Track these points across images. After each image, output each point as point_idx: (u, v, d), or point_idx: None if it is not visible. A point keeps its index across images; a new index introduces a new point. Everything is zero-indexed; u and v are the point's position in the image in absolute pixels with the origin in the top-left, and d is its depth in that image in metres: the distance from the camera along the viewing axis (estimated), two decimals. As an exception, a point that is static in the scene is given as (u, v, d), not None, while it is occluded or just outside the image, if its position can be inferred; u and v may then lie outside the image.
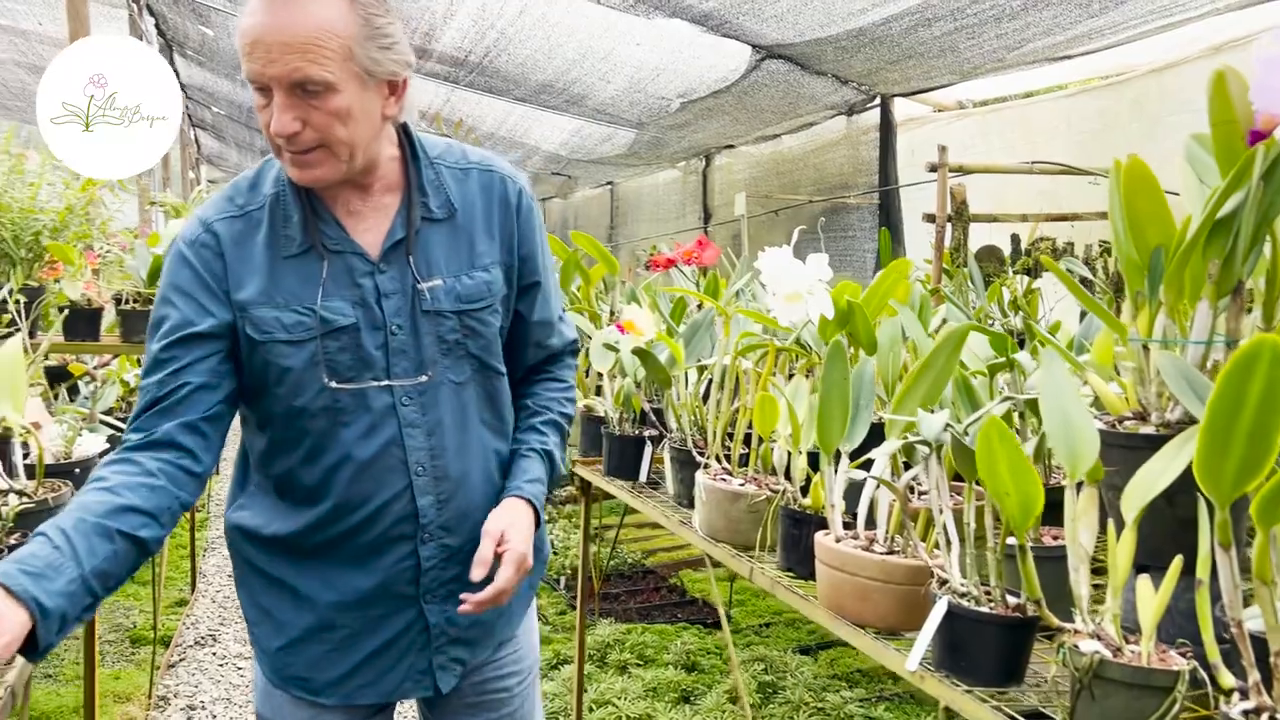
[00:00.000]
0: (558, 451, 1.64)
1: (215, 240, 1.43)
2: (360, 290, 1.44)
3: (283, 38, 1.29)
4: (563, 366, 1.72)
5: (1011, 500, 1.14)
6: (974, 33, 4.36)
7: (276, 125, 1.32)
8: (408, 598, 1.52)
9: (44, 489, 1.85)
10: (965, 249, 4.21)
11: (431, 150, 1.54)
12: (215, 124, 12.20)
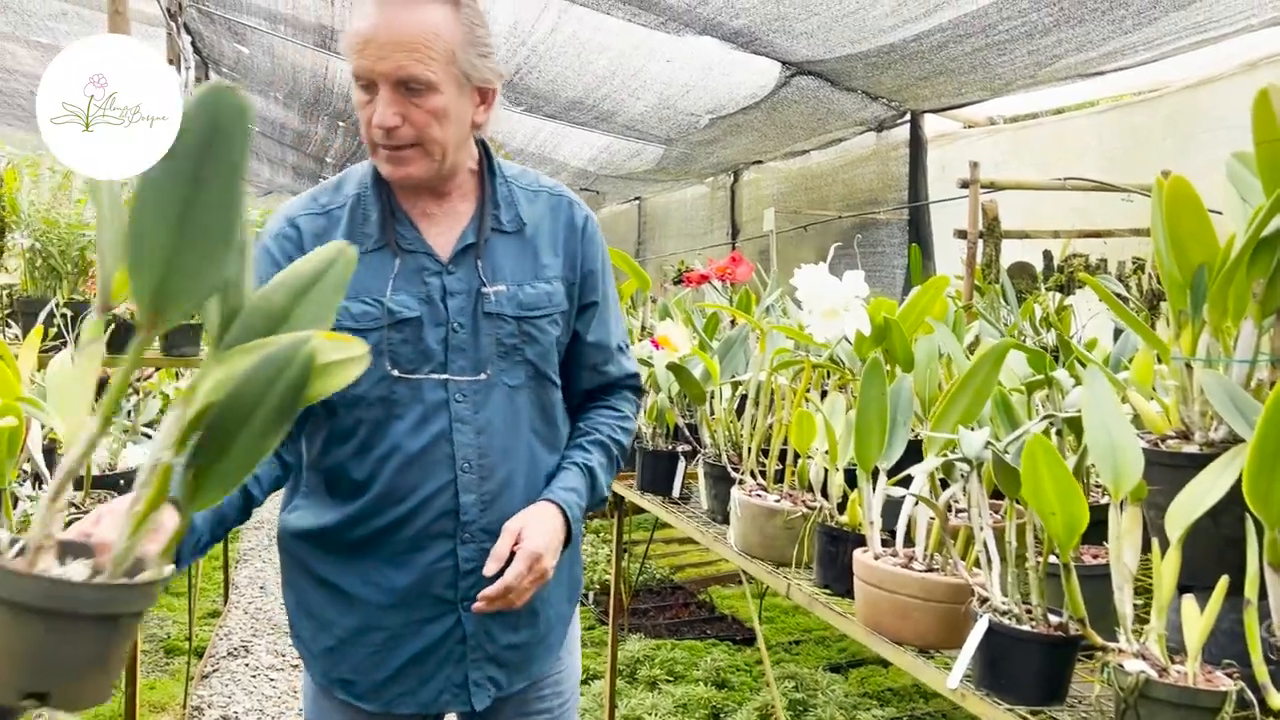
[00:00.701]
0: (602, 472, 1.64)
1: (297, 234, 1.54)
2: (427, 288, 1.52)
3: (393, 36, 1.39)
4: (621, 398, 1.74)
5: (1057, 519, 1.14)
6: (1005, 49, 4.35)
7: (379, 118, 1.42)
8: (447, 602, 1.54)
9: (91, 499, 1.88)
10: (997, 265, 4.20)
11: (507, 170, 1.64)
12: (248, 140, 12.33)
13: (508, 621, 1.58)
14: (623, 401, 1.74)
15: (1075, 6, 3.78)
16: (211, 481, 0.83)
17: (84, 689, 0.81)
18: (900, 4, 4.14)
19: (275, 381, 0.78)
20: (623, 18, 5.03)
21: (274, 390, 0.78)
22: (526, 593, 1.46)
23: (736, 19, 4.69)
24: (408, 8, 1.42)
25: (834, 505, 1.81)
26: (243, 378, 0.78)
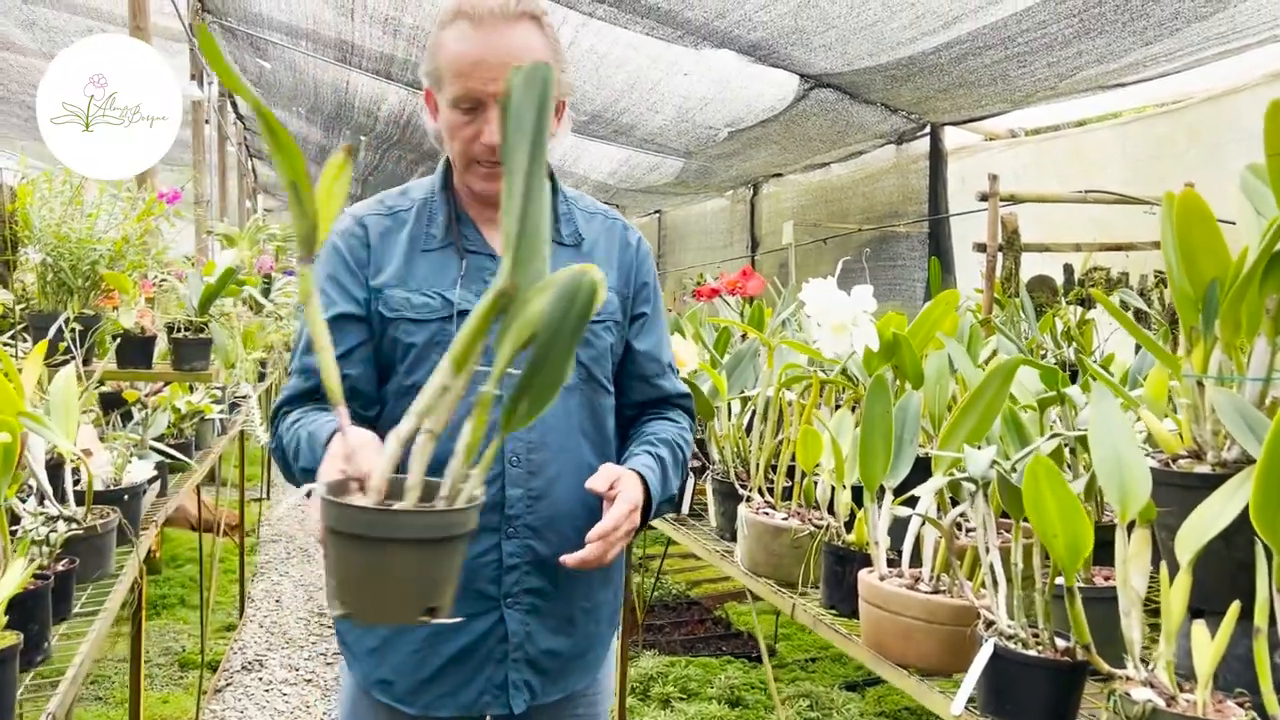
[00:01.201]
0: (672, 470, 1.63)
1: (364, 231, 1.60)
2: (487, 286, 1.53)
3: (502, 58, 1.45)
4: (677, 412, 1.75)
5: (1059, 542, 1.10)
6: (1025, 60, 4.31)
7: (490, 138, 1.47)
8: (489, 598, 1.54)
9: (93, 515, 1.88)
10: (1017, 279, 4.15)
11: (566, 191, 1.72)
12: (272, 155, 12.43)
13: (549, 625, 1.59)
14: (679, 414, 1.75)
15: (1095, 18, 3.74)
16: (531, 401, 1.07)
17: (449, 599, 1.05)
18: (918, 17, 4.11)
19: (570, 307, 1.00)
20: (641, 31, 5.03)
21: (571, 314, 1.01)
22: (619, 545, 1.45)
23: (754, 32, 4.67)
24: (507, 29, 1.47)
25: (841, 524, 1.78)
26: (550, 308, 1.00)
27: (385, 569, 1.01)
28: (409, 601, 1.03)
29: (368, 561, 1.01)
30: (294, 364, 1.62)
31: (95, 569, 1.87)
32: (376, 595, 1.03)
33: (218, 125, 9.52)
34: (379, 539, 1.00)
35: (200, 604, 3.91)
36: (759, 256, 7.44)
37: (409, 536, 1.01)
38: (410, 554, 1.01)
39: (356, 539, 1.00)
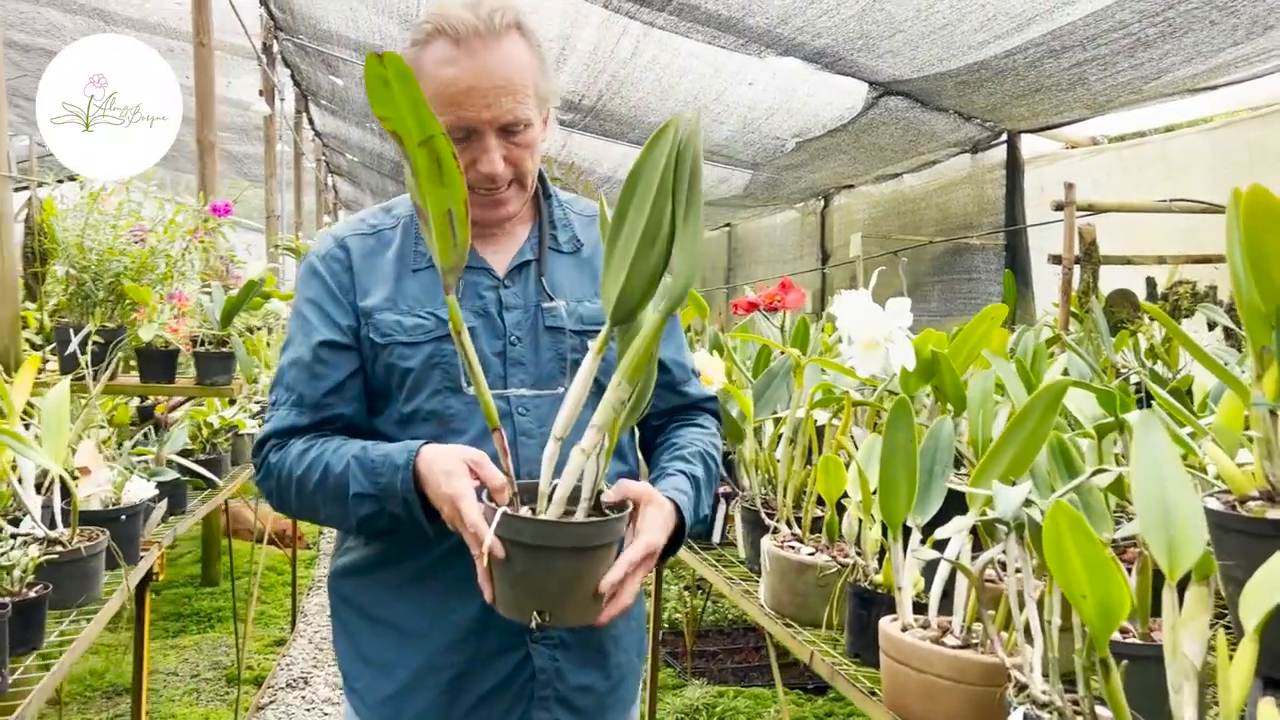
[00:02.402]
0: (704, 489, 1.50)
1: (346, 254, 1.51)
2: (483, 301, 1.49)
3: (496, 82, 1.37)
4: (705, 418, 1.65)
5: (1088, 604, 0.93)
6: (1106, 63, 4.07)
7: (488, 167, 1.40)
8: (512, 633, 1.44)
9: (80, 537, 1.80)
10: (1094, 293, 3.90)
11: (562, 195, 1.65)
12: (350, 170, 12.64)
13: (577, 659, 1.49)
14: (708, 420, 1.65)
15: (1182, 17, 3.50)
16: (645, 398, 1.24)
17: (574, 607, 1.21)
18: (989, 19, 3.91)
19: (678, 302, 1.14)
20: (702, 40, 4.91)
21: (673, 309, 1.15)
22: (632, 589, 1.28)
23: (818, 39, 4.52)
24: (494, 46, 1.38)
25: (869, 562, 1.61)
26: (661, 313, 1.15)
27: (586, 572, 1.19)
28: (595, 601, 1.21)
29: (571, 569, 1.18)
30: (282, 395, 1.49)
31: (80, 594, 1.79)
32: (571, 598, 1.19)
33: (294, 142, 9.68)
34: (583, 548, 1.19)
35: (233, 617, 3.87)
36: (829, 270, 7.24)
37: (601, 543, 1.20)
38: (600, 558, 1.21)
39: (560, 551, 1.17)
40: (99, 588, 1.86)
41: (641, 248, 1.13)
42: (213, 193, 4.77)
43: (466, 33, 1.36)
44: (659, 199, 1.12)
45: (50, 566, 1.68)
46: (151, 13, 6.92)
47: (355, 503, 1.37)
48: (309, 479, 1.41)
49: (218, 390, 2.52)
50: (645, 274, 1.15)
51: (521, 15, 1.44)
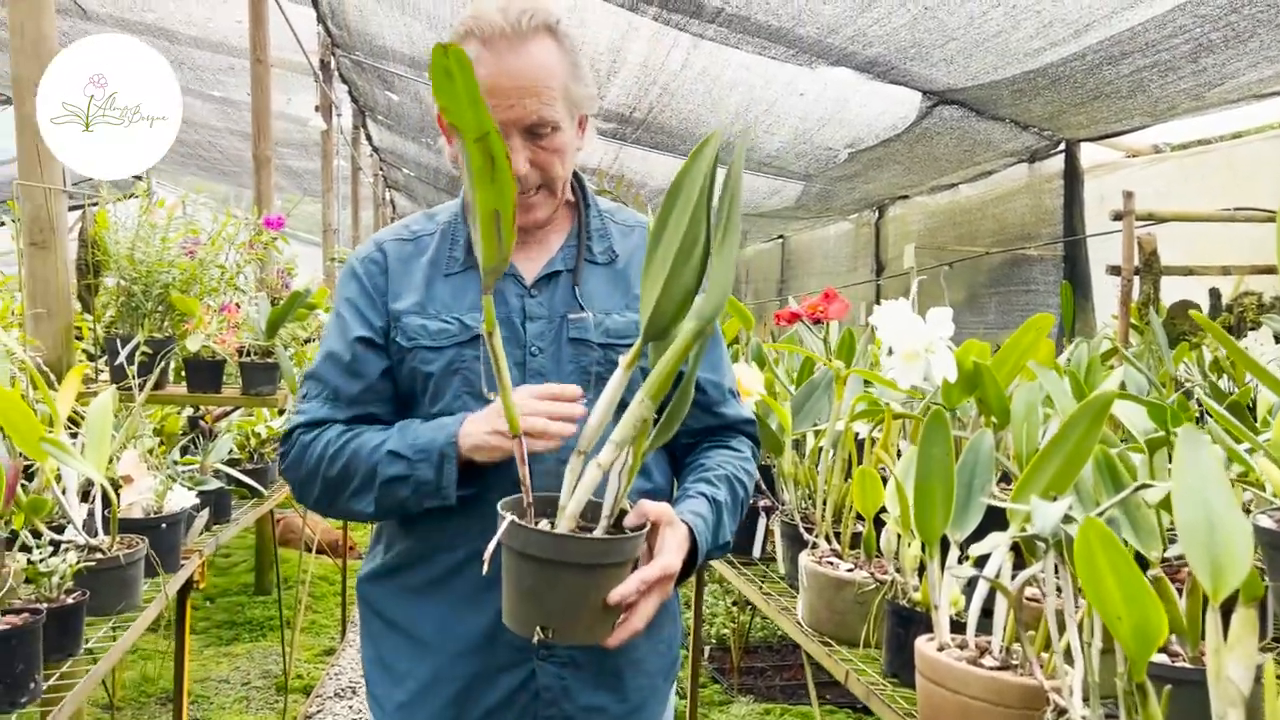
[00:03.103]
0: (727, 514, 1.46)
1: (383, 257, 1.54)
2: (508, 309, 1.49)
3: (519, 83, 1.37)
4: (739, 440, 1.61)
5: (1124, 627, 0.88)
6: (1168, 69, 3.97)
7: (515, 167, 1.37)
8: (518, 649, 1.43)
9: (119, 545, 1.83)
10: (1155, 304, 3.79)
11: (602, 205, 1.63)
12: (406, 184, 12.80)
13: (586, 679, 1.46)
14: (742, 444, 1.60)
15: (1245, 21, 3.40)
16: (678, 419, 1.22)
17: (579, 625, 1.17)
18: (1045, 26, 3.83)
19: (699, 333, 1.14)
20: (752, 51, 4.89)
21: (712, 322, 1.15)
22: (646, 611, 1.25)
23: (870, 48, 4.47)
24: (522, 47, 1.39)
25: (908, 579, 1.56)
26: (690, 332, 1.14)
27: (593, 590, 1.15)
28: (603, 621, 1.18)
29: (577, 585, 1.14)
30: (314, 389, 1.51)
31: (119, 601, 1.81)
32: (576, 616, 1.16)
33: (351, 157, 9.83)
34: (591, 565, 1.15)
35: (281, 625, 3.91)
36: (884, 281, 7.15)
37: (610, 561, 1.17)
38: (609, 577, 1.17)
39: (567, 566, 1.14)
40: (138, 595, 1.89)
41: (677, 263, 1.12)
42: (268, 206, 4.85)
43: (494, 34, 1.38)
44: (696, 214, 1.10)
45: (89, 573, 1.70)
46: (213, 31, 7.08)
47: (386, 461, 1.38)
48: (343, 453, 1.42)
49: (263, 400, 2.55)
50: (680, 290, 1.13)
51: (554, 19, 1.43)
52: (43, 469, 1.72)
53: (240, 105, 8.85)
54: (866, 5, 3.94)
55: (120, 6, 6.67)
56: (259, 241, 3.10)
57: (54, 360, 2.37)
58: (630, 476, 1.20)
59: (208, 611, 5.00)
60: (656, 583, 1.24)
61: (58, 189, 2.36)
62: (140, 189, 2.64)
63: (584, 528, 1.20)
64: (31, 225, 2.36)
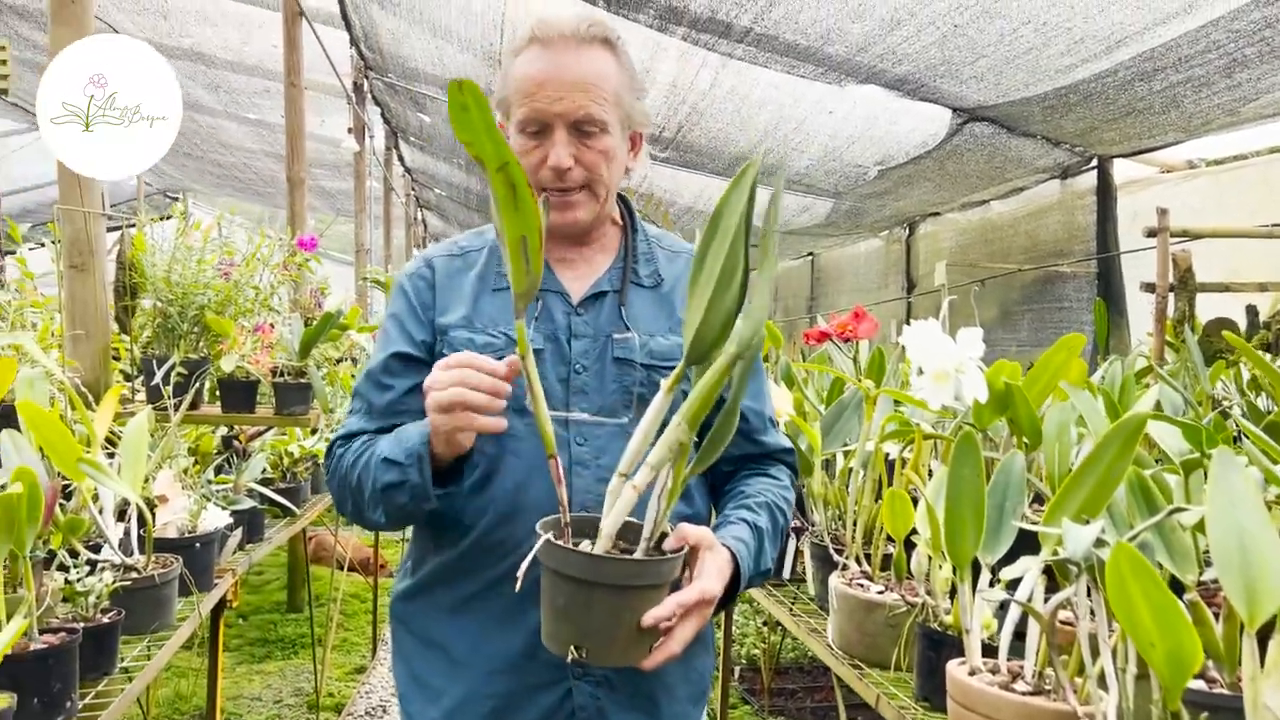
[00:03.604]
0: (768, 541, 1.46)
1: (431, 273, 1.57)
2: (555, 326, 1.51)
3: (569, 77, 1.41)
4: (779, 469, 1.61)
5: (1157, 654, 0.87)
6: (1201, 85, 3.93)
7: (555, 159, 1.42)
8: (555, 667, 1.43)
9: (154, 564, 1.85)
10: (1191, 321, 3.74)
11: (649, 230, 1.66)
12: (438, 204, 12.90)
13: (621, 700, 1.46)
14: (781, 472, 1.60)
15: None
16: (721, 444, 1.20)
17: (613, 646, 1.17)
18: (1076, 42, 3.81)
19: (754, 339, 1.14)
20: (781, 70, 4.90)
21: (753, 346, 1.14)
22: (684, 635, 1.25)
23: (899, 65, 4.46)
24: (577, 51, 1.43)
25: (939, 602, 1.55)
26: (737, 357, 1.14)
27: (628, 611, 1.15)
28: (638, 643, 1.18)
29: (611, 606, 1.15)
30: (356, 403, 1.56)
31: (153, 620, 1.83)
32: (610, 636, 1.16)
33: (383, 178, 9.93)
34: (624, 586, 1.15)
35: (312, 642, 3.93)
36: (915, 298, 7.11)
37: (644, 583, 1.17)
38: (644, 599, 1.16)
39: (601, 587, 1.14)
40: (172, 614, 1.91)
41: (718, 289, 1.13)
42: (301, 227, 4.91)
43: (554, 36, 1.44)
44: (735, 242, 1.12)
45: (124, 593, 1.72)
46: (248, 55, 7.19)
47: (381, 469, 1.39)
48: (358, 464, 1.44)
49: (295, 420, 2.58)
50: (721, 315, 1.14)
51: (615, 35, 1.48)
52: (80, 489, 1.75)
53: (275, 127, 8.97)
54: (895, 23, 3.94)
55: (159, 32, 6.79)
56: (293, 262, 3.14)
57: (91, 381, 2.41)
58: (670, 500, 1.20)
59: (241, 629, 5.04)
60: (694, 607, 1.24)
61: (97, 212, 2.40)
62: (176, 210, 2.68)
63: (625, 549, 1.20)
64: (71, 248, 2.40)
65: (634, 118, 1.51)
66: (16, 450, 1.53)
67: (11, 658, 1.33)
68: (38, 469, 1.44)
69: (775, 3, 4.01)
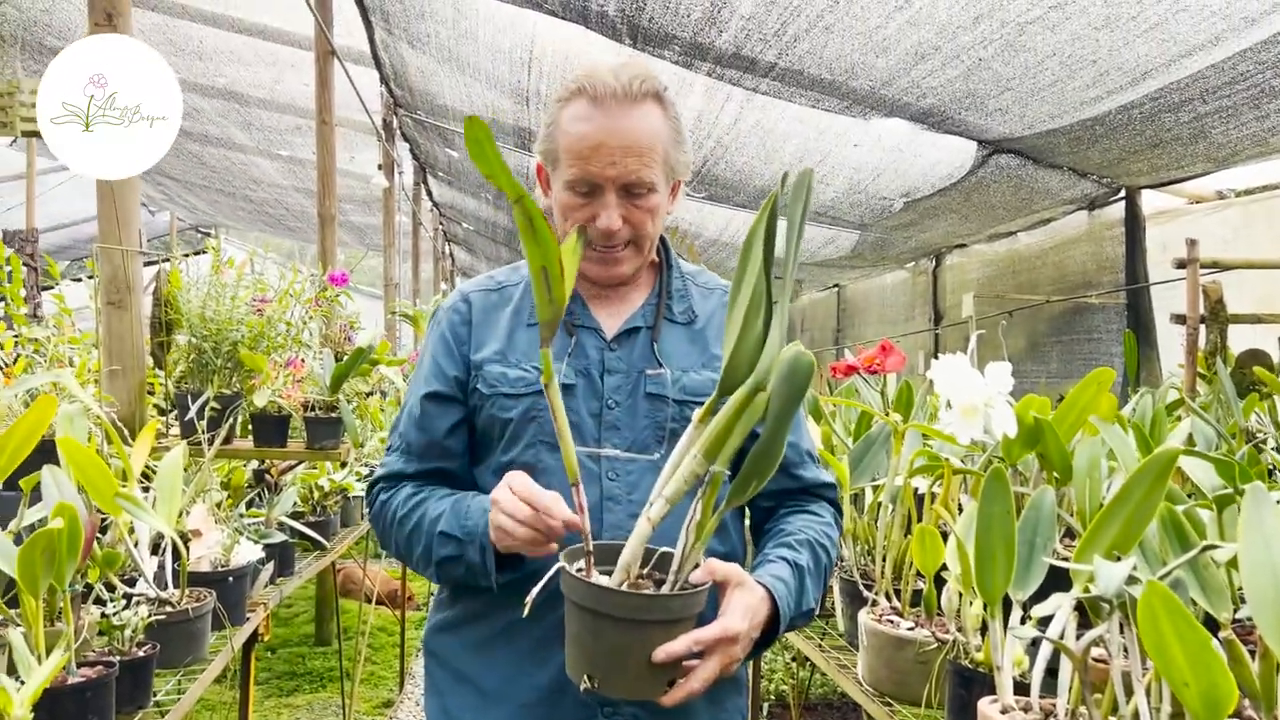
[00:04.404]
0: (810, 579, 1.43)
1: (467, 308, 1.59)
2: (587, 361, 1.52)
3: (624, 142, 1.42)
4: (820, 504, 1.59)
5: (1191, 693, 0.87)
6: (1229, 115, 3.93)
7: (606, 223, 1.44)
8: (584, 704, 1.42)
9: (188, 598, 1.87)
10: (1223, 353, 3.71)
11: (684, 267, 1.67)
12: (466, 239, 13.01)
13: None
14: (823, 509, 1.58)
15: (1310, 64, 3.36)
16: (759, 479, 1.18)
17: (625, 679, 1.16)
18: (1101, 74, 3.82)
19: (795, 378, 1.12)
20: (806, 104, 4.93)
21: (795, 385, 1.12)
22: (705, 678, 1.24)
23: (924, 99, 4.48)
24: (629, 112, 1.44)
25: (970, 639, 1.54)
26: (778, 385, 1.12)
27: (637, 644, 1.14)
28: (653, 677, 1.16)
29: (620, 639, 1.14)
30: (396, 441, 1.59)
31: (187, 654, 1.85)
32: (621, 669, 1.16)
33: (412, 213, 10.03)
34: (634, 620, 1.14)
35: (340, 677, 3.93)
36: (942, 330, 7.09)
37: (655, 618, 1.15)
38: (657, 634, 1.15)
39: (609, 619, 1.14)
40: (205, 648, 1.93)
41: (748, 321, 1.14)
42: (332, 262, 4.97)
43: (604, 94, 1.43)
44: (762, 271, 1.13)
45: (159, 626, 1.74)
46: (281, 94, 7.31)
47: (439, 542, 1.41)
48: (409, 519, 1.47)
49: (326, 454, 2.60)
50: (749, 346, 1.15)
51: (662, 87, 1.49)
52: (116, 523, 1.77)
53: (305, 163, 9.11)
54: (920, 57, 3.96)
55: (194, 72, 6.93)
56: (324, 297, 3.18)
57: (127, 416, 2.45)
58: (699, 533, 1.19)
59: (269, 662, 5.05)
60: (715, 644, 1.22)
61: (135, 250, 2.45)
62: (209, 245, 2.73)
63: (659, 581, 1.20)
64: (109, 285, 2.45)
65: (677, 169, 1.52)
66: (57, 486, 1.56)
67: (51, 690, 1.35)
68: (77, 504, 1.47)
69: (799, 38, 4.04)
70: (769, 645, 1.37)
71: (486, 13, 5.14)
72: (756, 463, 1.19)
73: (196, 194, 11.20)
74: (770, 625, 1.33)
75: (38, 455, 1.57)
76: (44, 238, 8.65)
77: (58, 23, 6.09)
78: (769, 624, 1.33)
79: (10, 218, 9.25)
